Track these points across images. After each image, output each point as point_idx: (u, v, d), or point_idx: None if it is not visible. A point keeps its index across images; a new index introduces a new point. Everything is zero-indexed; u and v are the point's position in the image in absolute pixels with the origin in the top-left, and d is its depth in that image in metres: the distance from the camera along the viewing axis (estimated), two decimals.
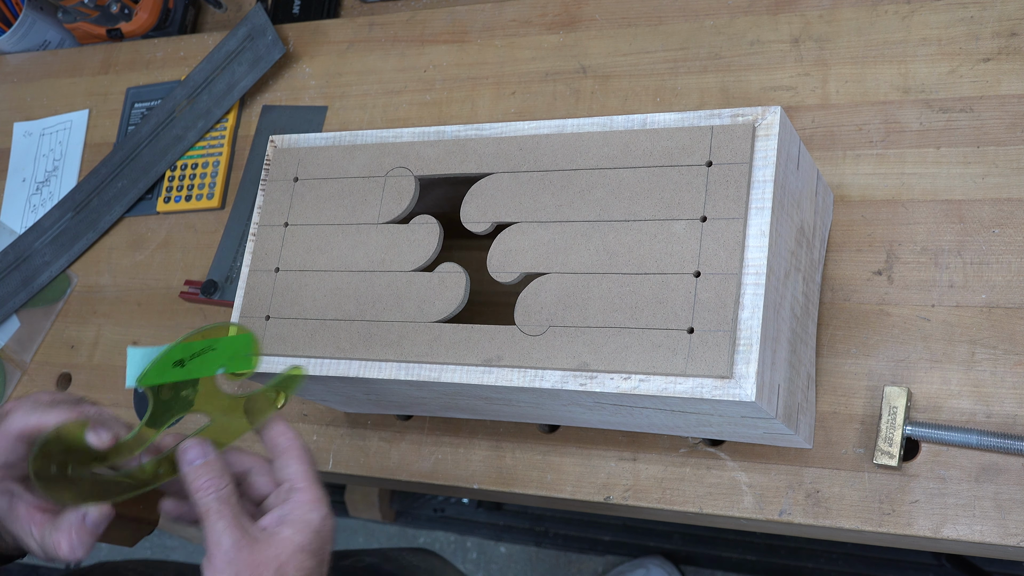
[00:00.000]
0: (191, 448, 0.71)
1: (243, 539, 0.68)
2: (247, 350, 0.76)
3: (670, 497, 0.85)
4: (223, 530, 0.68)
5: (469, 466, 0.94)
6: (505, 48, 1.08)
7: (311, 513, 0.70)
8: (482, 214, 0.81)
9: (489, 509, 1.88)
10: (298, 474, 0.71)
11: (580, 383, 0.74)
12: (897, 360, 0.82)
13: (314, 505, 0.70)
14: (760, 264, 0.71)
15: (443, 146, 0.85)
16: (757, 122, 0.74)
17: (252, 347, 0.76)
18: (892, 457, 0.78)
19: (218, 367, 0.75)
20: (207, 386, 0.75)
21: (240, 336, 0.76)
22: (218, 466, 0.71)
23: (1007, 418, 0.78)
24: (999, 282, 0.81)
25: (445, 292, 0.80)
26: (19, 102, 1.38)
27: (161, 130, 1.23)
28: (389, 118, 1.11)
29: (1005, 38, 0.87)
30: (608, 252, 0.76)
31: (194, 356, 0.75)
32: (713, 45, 0.98)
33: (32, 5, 1.38)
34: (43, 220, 1.26)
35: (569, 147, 0.80)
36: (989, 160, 0.85)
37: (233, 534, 0.68)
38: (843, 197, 0.88)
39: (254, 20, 1.20)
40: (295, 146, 0.91)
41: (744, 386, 0.69)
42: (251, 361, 0.76)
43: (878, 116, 0.89)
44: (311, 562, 0.68)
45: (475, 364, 0.77)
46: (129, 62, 1.32)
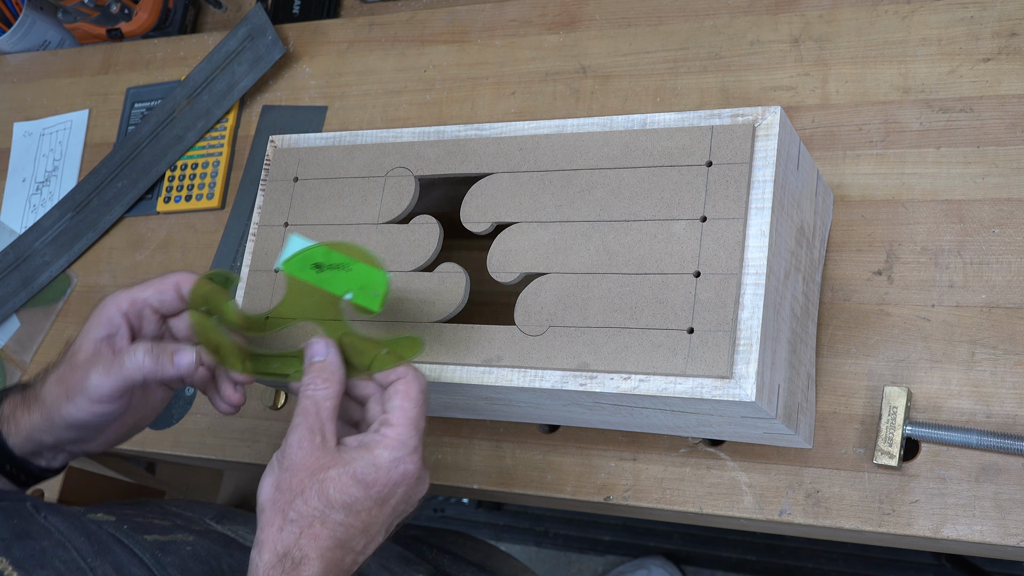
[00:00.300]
0: (317, 343, 0.72)
1: (309, 443, 0.67)
2: (378, 289, 0.74)
3: (670, 497, 0.85)
4: (297, 427, 0.68)
5: (469, 466, 0.94)
6: (505, 48, 1.08)
7: (382, 450, 0.68)
8: (482, 214, 0.81)
9: (489, 509, 1.88)
10: (396, 410, 0.69)
11: (580, 383, 0.74)
12: (897, 360, 0.82)
13: (391, 444, 0.68)
14: (760, 264, 0.71)
15: (443, 146, 0.85)
16: (757, 122, 0.74)
17: (383, 288, 0.74)
18: (892, 457, 0.78)
19: (347, 291, 0.74)
20: (333, 307, 0.75)
21: (376, 272, 0.75)
22: (330, 370, 0.71)
23: (1007, 418, 0.78)
24: (999, 282, 0.81)
25: (445, 292, 0.80)
26: (19, 102, 1.38)
27: (161, 130, 1.23)
28: (389, 118, 1.11)
29: (1005, 38, 0.87)
30: (608, 252, 0.76)
31: (331, 266, 0.75)
32: (713, 45, 0.98)
33: (32, 5, 1.38)
34: (43, 220, 1.26)
35: (569, 147, 0.80)
36: (989, 160, 0.85)
37: (301, 434, 0.68)
38: (843, 197, 0.88)
39: (254, 20, 1.20)
40: (295, 146, 0.91)
41: (744, 386, 0.69)
42: (376, 301, 0.74)
43: (878, 116, 0.89)
44: (358, 492, 0.66)
45: (475, 364, 0.77)
46: (129, 62, 1.32)
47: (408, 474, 0.68)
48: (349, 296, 0.74)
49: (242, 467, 1.08)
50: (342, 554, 0.66)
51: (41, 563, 0.67)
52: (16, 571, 0.66)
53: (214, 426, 1.07)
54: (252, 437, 1.04)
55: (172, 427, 1.08)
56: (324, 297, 0.75)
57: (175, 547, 0.77)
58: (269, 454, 1.02)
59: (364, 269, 0.74)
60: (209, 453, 1.06)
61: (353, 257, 0.75)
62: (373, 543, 0.68)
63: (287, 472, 0.67)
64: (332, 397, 0.70)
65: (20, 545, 0.68)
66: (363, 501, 0.67)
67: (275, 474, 0.68)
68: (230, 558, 0.79)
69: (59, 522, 0.73)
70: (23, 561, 0.66)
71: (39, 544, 0.69)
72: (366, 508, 0.67)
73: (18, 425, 0.77)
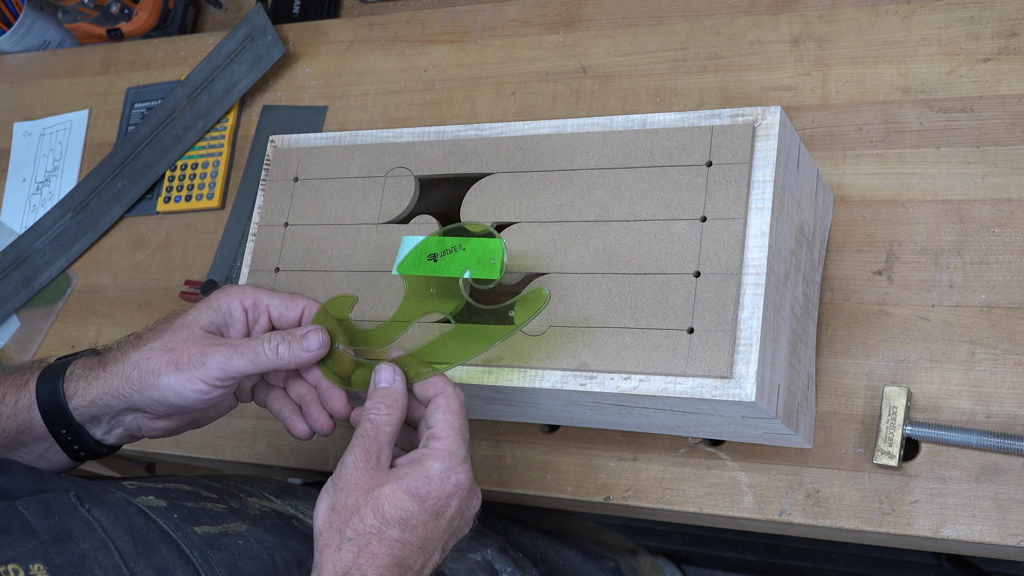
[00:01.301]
0: (383, 370, 0.73)
1: (364, 464, 0.68)
2: (494, 256, 0.75)
3: (670, 497, 0.85)
4: (353, 449, 0.69)
5: None
6: (505, 48, 1.08)
7: (432, 462, 0.68)
8: (482, 214, 0.81)
9: None
10: (440, 423, 0.70)
11: (580, 383, 0.74)
12: (897, 360, 0.82)
13: (440, 455, 0.68)
14: (760, 264, 0.71)
15: (443, 146, 0.85)
16: (757, 122, 0.74)
17: (499, 254, 0.75)
18: (892, 457, 0.78)
19: (464, 269, 0.75)
20: (452, 288, 0.76)
21: (490, 240, 0.75)
22: (394, 396, 0.72)
23: (1007, 418, 0.78)
24: (999, 282, 0.81)
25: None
26: (19, 102, 1.38)
27: (161, 130, 1.23)
28: (389, 118, 1.11)
29: (1005, 38, 0.87)
30: (608, 252, 0.76)
31: (446, 252, 0.76)
32: (713, 45, 0.98)
33: (32, 5, 1.38)
34: (43, 220, 1.26)
35: (569, 147, 0.80)
36: (989, 160, 0.85)
37: (358, 455, 0.69)
38: (843, 197, 0.88)
39: (254, 20, 1.20)
40: (295, 146, 0.91)
41: (744, 386, 0.69)
42: (495, 268, 0.74)
43: (878, 116, 0.89)
44: (413, 506, 0.67)
45: (475, 364, 0.77)
46: (129, 62, 1.32)
47: (460, 484, 0.69)
48: (467, 274, 0.75)
49: (242, 467, 1.07)
50: (401, 572, 0.66)
51: (80, 570, 0.65)
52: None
53: (214, 426, 1.06)
54: (252, 437, 1.04)
55: None
56: (442, 284, 0.76)
57: (226, 541, 0.75)
58: (269, 454, 1.03)
59: (478, 243, 0.75)
60: (209, 453, 1.06)
61: (466, 235, 0.76)
62: (431, 562, 0.68)
63: (342, 493, 0.68)
64: (393, 423, 0.71)
65: (59, 548, 0.66)
66: (418, 515, 0.67)
67: (330, 496, 0.68)
68: (284, 549, 0.77)
69: (103, 516, 0.70)
70: (61, 568, 0.65)
71: (79, 547, 0.67)
72: (422, 522, 0.67)
73: (89, 385, 0.76)
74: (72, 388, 0.76)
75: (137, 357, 0.74)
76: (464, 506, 0.70)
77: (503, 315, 0.74)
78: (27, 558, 0.63)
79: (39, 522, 0.67)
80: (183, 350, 0.74)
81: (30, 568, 0.63)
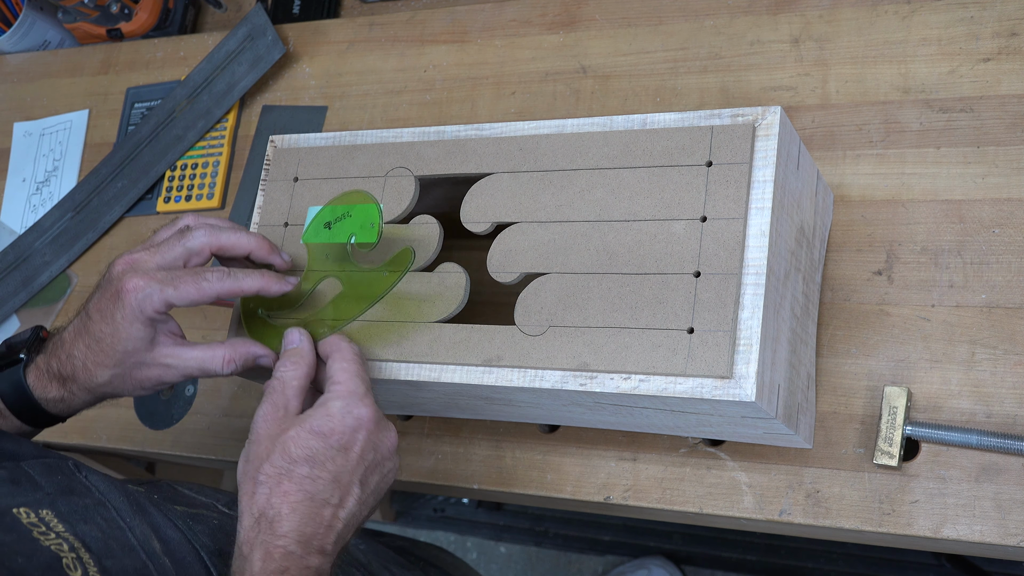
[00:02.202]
0: (291, 333, 0.78)
1: (272, 415, 0.72)
2: (372, 220, 0.82)
3: (670, 497, 0.85)
4: (263, 404, 0.73)
5: (469, 466, 0.94)
6: (505, 48, 1.08)
7: (334, 400, 0.72)
8: (482, 214, 0.81)
9: (489, 509, 1.88)
10: (338, 371, 0.74)
11: (580, 383, 0.74)
12: (897, 360, 0.82)
13: (339, 393, 0.72)
14: (760, 264, 0.71)
15: (443, 146, 0.85)
16: (757, 122, 0.74)
17: (376, 218, 0.82)
18: (892, 457, 0.78)
19: (349, 235, 0.82)
20: (343, 253, 0.83)
21: (368, 206, 0.82)
22: (300, 354, 0.76)
23: (1007, 418, 0.78)
24: (999, 282, 0.81)
25: (445, 292, 0.80)
26: (19, 102, 1.38)
27: (161, 130, 1.23)
28: (389, 118, 1.11)
29: (1005, 38, 0.87)
30: (608, 252, 0.76)
31: (337, 220, 0.83)
32: (713, 45, 0.98)
33: (32, 5, 1.38)
34: (43, 220, 1.26)
35: (569, 147, 0.80)
36: (989, 160, 0.85)
37: (266, 409, 0.73)
38: (843, 197, 0.88)
39: (254, 20, 1.20)
40: (295, 146, 0.91)
41: (744, 386, 0.69)
42: (373, 233, 0.81)
43: (878, 116, 0.89)
44: (317, 443, 0.70)
45: (475, 364, 0.77)
46: (129, 62, 1.32)
47: (363, 418, 0.72)
48: (353, 240, 0.82)
49: None
50: (316, 507, 0.69)
51: (84, 518, 0.70)
52: (61, 523, 0.68)
53: (214, 426, 1.07)
54: None
55: (172, 427, 1.08)
56: (335, 249, 0.83)
57: (203, 518, 0.80)
58: None
59: (361, 209, 0.82)
60: (209, 453, 1.06)
61: (351, 203, 0.83)
62: (350, 495, 0.71)
63: (254, 444, 0.71)
64: (299, 377, 0.75)
65: (64, 500, 0.70)
66: (324, 451, 0.70)
67: (245, 449, 0.72)
68: None
69: (99, 482, 0.75)
70: (68, 515, 0.69)
71: (82, 501, 0.71)
72: (329, 458, 0.70)
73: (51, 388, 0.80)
74: (33, 383, 0.80)
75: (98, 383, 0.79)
76: (374, 439, 0.73)
77: (380, 276, 0.81)
78: (36, 504, 0.68)
79: (43, 479, 0.72)
80: (140, 374, 0.79)
81: (40, 512, 0.68)
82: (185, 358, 0.78)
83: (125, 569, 0.68)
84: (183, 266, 0.78)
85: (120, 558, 0.68)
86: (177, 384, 1.09)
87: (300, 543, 0.67)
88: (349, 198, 0.83)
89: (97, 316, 0.76)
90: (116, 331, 0.76)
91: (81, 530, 0.68)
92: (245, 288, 0.78)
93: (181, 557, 0.74)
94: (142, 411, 1.11)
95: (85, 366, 0.78)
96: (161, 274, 0.76)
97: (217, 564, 0.76)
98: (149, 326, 0.76)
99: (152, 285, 0.75)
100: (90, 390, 0.79)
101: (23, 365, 0.80)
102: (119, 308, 0.75)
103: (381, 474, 0.74)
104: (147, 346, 0.77)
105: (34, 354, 0.81)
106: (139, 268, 0.76)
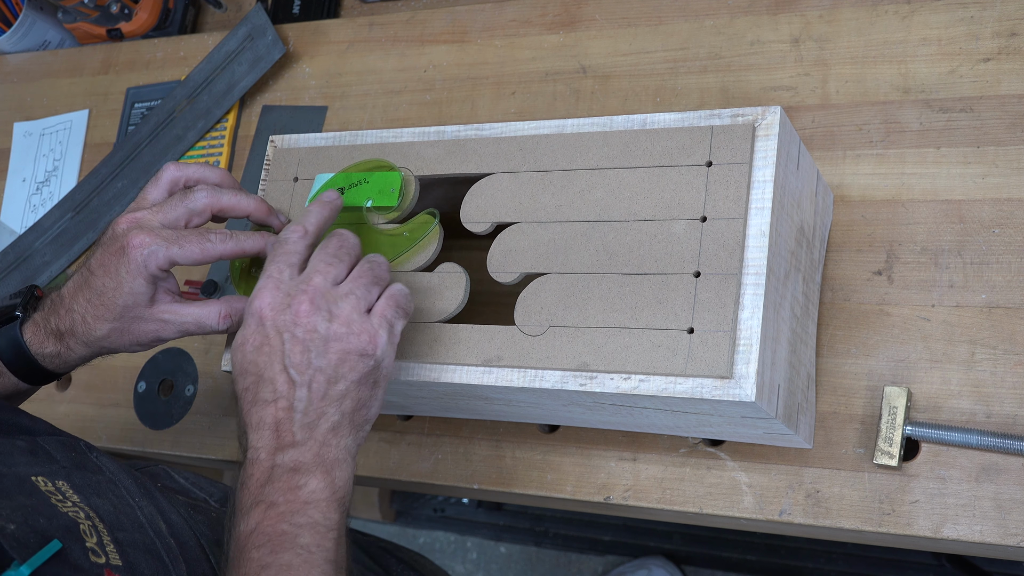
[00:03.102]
0: (330, 192, 0.80)
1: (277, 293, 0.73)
2: (392, 186, 0.82)
3: (670, 497, 0.85)
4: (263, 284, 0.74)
5: (469, 466, 0.94)
6: (505, 48, 1.08)
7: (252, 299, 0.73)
8: (482, 214, 0.81)
9: (489, 509, 1.88)
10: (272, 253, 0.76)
11: (580, 383, 0.74)
12: (897, 360, 0.82)
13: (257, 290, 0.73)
14: (760, 264, 0.71)
15: (443, 146, 0.85)
16: (757, 122, 0.74)
17: (397, 183, 0.83)
18: (892, 457, 0.78)
19: (367, 199, 0.83)
20: (358, 216, 0.83)
21: (390, 174, 0.83)
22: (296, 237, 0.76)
23: (1007, 418, 0.78)
24: (999, 282, 0.81)
25: (445, 292, 0.80)
26: (19, 102, 1.38)
27: (161, 130, 1.23)
28: (389, 118, 1.11)
29: (1005, 38, 0.87)
30: (608, 252, 0.76)
31: (352, 186, 0.84)
32: (713, 45, 0.98)
33: (32, 5, 1.38)
34: (43, 220, 1.26)
35: (569, 147, 0.80)
36: (989, 160, 0.85)
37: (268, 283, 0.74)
38: (843, 197, 0.88)
39: (254, 20, 1.20)
40: (295, 146, 0.91)
41: (744, 386, 0.69)
42: (393, 197, 0.82)
43: (878, 116, 0.89)
44: (241, 354, 0.72)
45: (475, 364, 0.77)
46: (129, 62, 1.32)
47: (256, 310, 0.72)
48: (369, 203, 0.83)
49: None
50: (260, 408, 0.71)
51: (97, 492, 0.71)
52: (76, 494, 0.69)
53: (214, 426, 1.07)
54: None
55: (172, 427, 1.08)
56: (350, 213, 0.83)
57: (202, 510, 0.82)
58: None
59: (380, 176, 0.82)
60: (209, 453, 1.06)
61: (369, 169, 0.83)
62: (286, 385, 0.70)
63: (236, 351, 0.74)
64: (288, 251, 0.75)
65: (79, 474, 0.72)
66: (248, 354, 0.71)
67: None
68: None
69: (109, 463, 0.77)
70: (82, 487, 0.70)
71: (95, 477, 0.73)
72: (251, 360, 0.71)
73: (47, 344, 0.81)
74: (29, 339, 0.81)
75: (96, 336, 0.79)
76: (278, 323, 0.71)
77: (399, 238, 0.81)
78: (53, 475, 0.70)
79: (59, 454, 0.74)
80: (138, 328, 0.79)
81: (56, 483, 0.69)
82: (182, 314, 0.79)
83: (135, 543, 0.69)
84: (184, 226, 0.78)
85: (131, 532, 0.70)
86: (177, 384, 1.09)
87: (266, 450, 0.69)
88: (367, 165, 0.83)
89: (100, 271, 0.77)
90: (119, 285, 0.76)
91: (95, 502, 0.69)
92: (247, 249, 0.79)
93: (184, 540, 0.75)
94: (142, 411, 1.11)
95: (84, 319, 0.78)
96: (167, 232, 0.76)
97: (215, 552, 0.76)
98: (151, 282, 0.77)
99: (158, 242, 0.75)
100: (88, 344, 0.79)
101: (20, 322, 0.80)
102: (123, 263, 0.76)
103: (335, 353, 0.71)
104: (147, 302, 0.78)
105: (31, 311, 0.81)
106: (144, 225, 0.77)
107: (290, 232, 0.76)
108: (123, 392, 1.12)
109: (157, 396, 1.10)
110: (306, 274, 0.73)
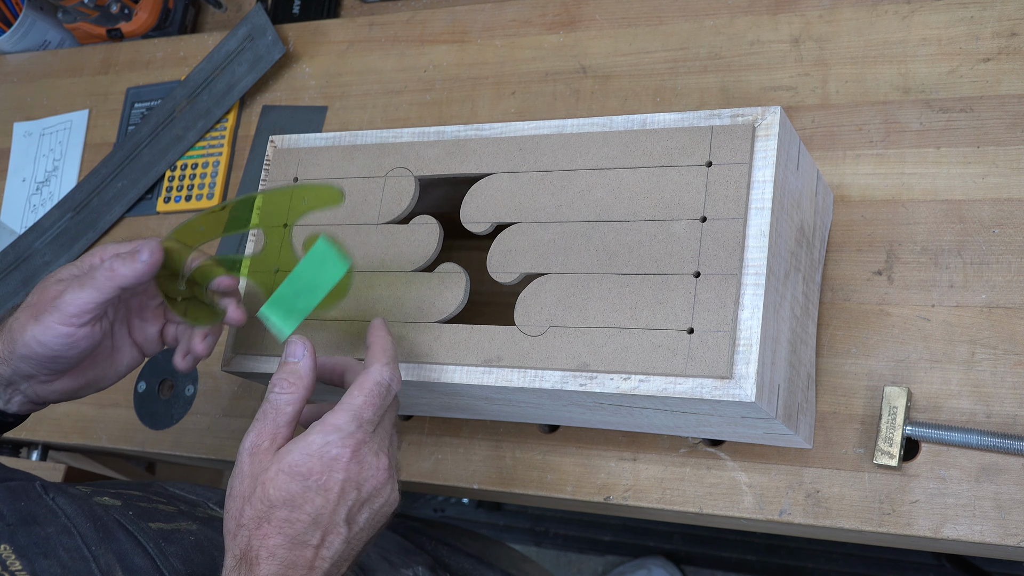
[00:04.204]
0: (295, 343, 0.71)
1: (256, 447, 0.68)
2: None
3: (670, 497, 0.85)
4: (249, 433, 0.69)
5: (469, 466, 0.94)
6: (505, 48, 1.08)
7: (316, 435, 0.67)
8: (482, 214, 0.81)
9: (489, 509, 1.88)
10: (344, 397, 0.69)
11: (580, 383, 0.74)
12: (897, 360, 0.82)
13: (325, 429, 0.67)
14: (760, 264, 0.71)
15: (443, 146, 0.85)
16: (757, 122, 0.74)
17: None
18: (892, 457, 0.78)
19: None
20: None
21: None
22: (299, 374, 0.70)
23: (1007, 418, 0.78)
24: (999, 282, 0.81)
25: (445, 292, 0.80)
26: (19, 102, 1.38)
27: (161, 130, 1.23)
28: (389, 118, 1.11)
29: (1005, 38, 0.87)
30: (608, 252, 0.76)
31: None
32: (713, 45, 0.98)
33: (32, 5, 1.38)
34: (43, 220, 1.26)
35: (569, 147, 0.80)
36: (989, 160, 0.85)
37: (252, 440, 0.68)
38: (843, 197, 0.88)
39: (254, 20, 1.20)
40: (295, 146, 0.91)
41: (744, 386, 0.69)
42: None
43: (878, 116, 0.89)
44: (296, 485, 0.66)
45: (475, 364, 0.77)
46: (129, 62, 1.32)
47: (339, 458, 0.67)
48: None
49: None
50: (297, 549, 0.66)
51: (45, 552, 0.67)
52: (19, 560, 0.66)
53: (214, 426, 1.07)
54: None
55: (172, 427, 1.08)
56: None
57: (179, 536, 0.77)
58: None
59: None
60: (209, 453, 1.06)
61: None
62: (333, 534, 0.67)
63: (237, 480, 0.68)
64: (294, 403, 0.70)
65: (25, 531, 0.68)
66: (302, 493, 0.66)
67: (230, 481, 0.69)
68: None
69: (66, 504, 0.73)
70: (27, 549, 0.67)
71: (44, 530, 0.69)
72: (308, 499, 0.66)
73: None
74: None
75: (9, 321, 0.76)
76: (356, 478, 0.68)
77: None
78: None
79: (6, 507, 0.70)
80: (40, 300, 0.75)
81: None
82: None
83: None
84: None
85: None
86: (177, 384, 1.09)
87: None
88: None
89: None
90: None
91: (40, 566, 0.66)
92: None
93: None
94: (142, 411, 1.11)
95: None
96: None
97: None
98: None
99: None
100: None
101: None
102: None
103: (371, 510, 0.70)
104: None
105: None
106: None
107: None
108: (123, 392, 1.12)
109: (157, 396, 1.10)
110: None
